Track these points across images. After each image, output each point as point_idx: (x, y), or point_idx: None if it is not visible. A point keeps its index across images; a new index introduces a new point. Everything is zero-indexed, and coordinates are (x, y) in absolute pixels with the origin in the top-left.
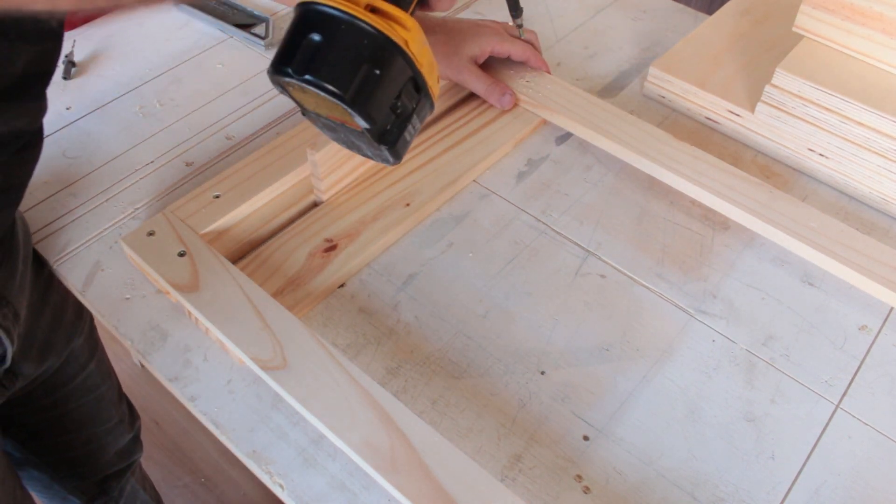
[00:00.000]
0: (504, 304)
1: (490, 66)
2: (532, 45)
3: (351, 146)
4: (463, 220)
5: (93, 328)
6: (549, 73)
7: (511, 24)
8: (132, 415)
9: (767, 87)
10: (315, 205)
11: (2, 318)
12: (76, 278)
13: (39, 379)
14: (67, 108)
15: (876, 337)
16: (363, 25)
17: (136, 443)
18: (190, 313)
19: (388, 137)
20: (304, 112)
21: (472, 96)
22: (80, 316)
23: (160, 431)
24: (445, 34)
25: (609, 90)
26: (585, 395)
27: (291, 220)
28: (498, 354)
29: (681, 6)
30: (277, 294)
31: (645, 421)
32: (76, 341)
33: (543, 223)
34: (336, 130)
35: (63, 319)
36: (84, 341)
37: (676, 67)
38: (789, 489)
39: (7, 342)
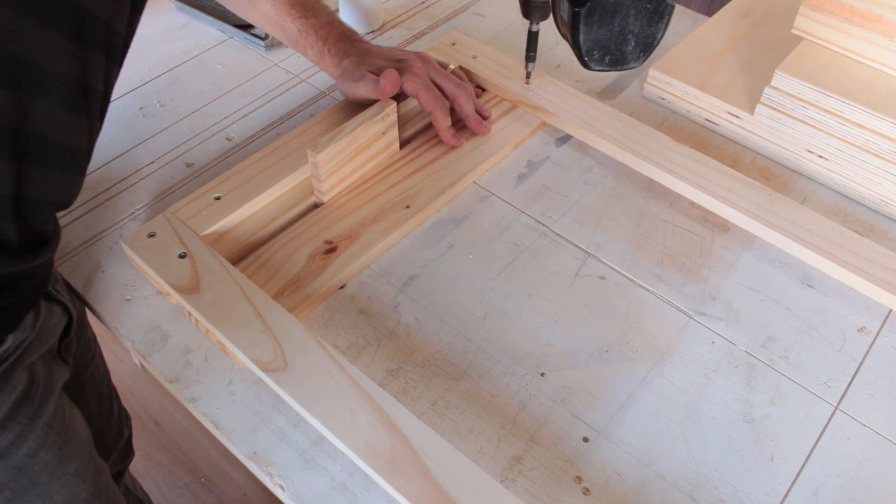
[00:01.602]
0: (504, 305)
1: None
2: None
3: (617, 39)
4: (463, 222)
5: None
6: (486, 132)
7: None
8: (125, 416)
9: (767, 89)
10: (315, 206)
11: (58, 292)
12: (77, 279)
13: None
14: None
15: (875, 339)
16: None
17: (129, 446)
18: (190, 315)
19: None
20: None
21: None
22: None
23: (160, 431)
24: (359, 55)
25: (609, 92)
26: (585, 396)
27: (292, 222)
28: (498, 356)
29: (681, 7)
30: (278, 296)
31: (644, 422)
32: (87, 332)
33: (543, 225)
34: (617, 15)
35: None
36: (91, 333)
37: (676, 69)
38: (788, 490)
39: (72, 309)
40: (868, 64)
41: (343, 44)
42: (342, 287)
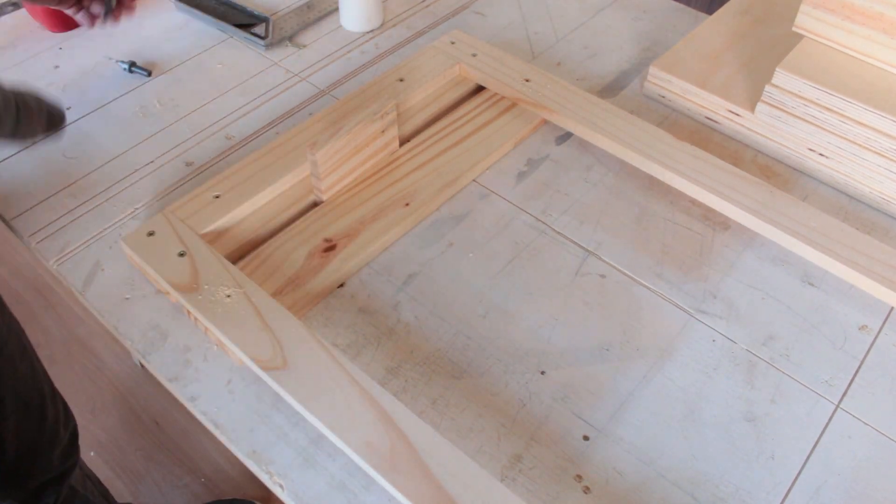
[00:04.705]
0: (504, 303)
1: None
2: None
3: None
4: (463, 220)
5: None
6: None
7: None
8: (64, 416)
9: (767, 87)
10: (315, 205)
11: None
12: (76, 278)
13: None
14: (67, 108)
15: (876, 337)
16: None
17: (72, 445)
18: (190, 313)
19: None
20: None
21: (471, 95)
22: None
23: (160, 431)
24: None
25: (609, 90)
26: (585, 395)
27: (291, 220)
28: (498, 354)
29: (681, 6)
30: (277, 294)
31: (645, 421)
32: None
33: (543, 223)
34: None
35: None
36: (11, 349)
37: (676, 67)
38: (789, 489)
39: None
40: (869, 62)
41: None
42: (341, 285)
